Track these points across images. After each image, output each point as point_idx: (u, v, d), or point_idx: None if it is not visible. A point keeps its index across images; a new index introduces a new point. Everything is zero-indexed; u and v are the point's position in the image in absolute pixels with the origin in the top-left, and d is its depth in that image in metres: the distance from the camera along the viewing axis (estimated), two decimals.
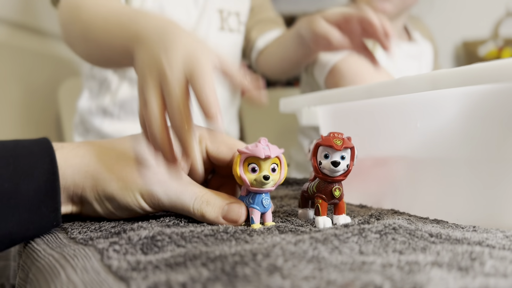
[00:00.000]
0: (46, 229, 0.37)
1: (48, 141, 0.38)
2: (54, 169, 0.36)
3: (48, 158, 0.36)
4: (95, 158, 0.39)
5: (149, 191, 0.38)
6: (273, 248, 0.28)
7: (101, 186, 0.38)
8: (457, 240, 0.33)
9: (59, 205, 0.36)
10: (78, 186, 0.38)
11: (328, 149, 0.38)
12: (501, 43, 1.54)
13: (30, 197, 0.34)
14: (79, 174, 0.38)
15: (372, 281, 0.23)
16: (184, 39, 0.40)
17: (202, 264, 0.26)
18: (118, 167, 0.38)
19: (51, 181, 0.36)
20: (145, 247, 0.31)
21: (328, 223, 0.38)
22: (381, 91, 0.46)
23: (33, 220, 0.35)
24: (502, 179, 0.38)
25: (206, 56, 0.38)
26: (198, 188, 0.39)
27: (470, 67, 0.37)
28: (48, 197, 0.35)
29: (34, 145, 0.37)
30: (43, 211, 0.35)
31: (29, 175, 0.35)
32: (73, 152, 0.39)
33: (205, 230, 0.35)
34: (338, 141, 0.38)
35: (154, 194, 0.38)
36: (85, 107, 0.88)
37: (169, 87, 0.37)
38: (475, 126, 0.40)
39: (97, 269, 0.28)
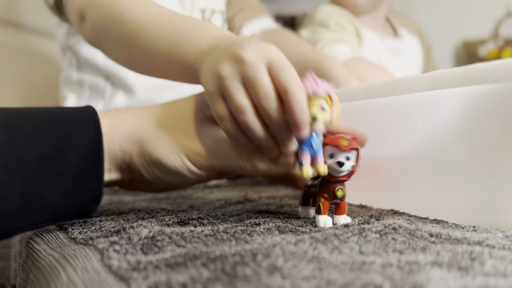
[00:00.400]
0: (89, 198, 0.36)
1: (92, 109, 0.37)
2: (99, 138, 0.36)
3: (92, 125, 0.36)
4: (140, 123, 0.39)
5: (195, 152, 0.38)
6: (273, 248, 0.28)
7: (147, 151, 0.38)
8: (457, 240, 0.33)
9: (102, 175, 0.36)
10: (126, 153, 0.38)
11: (334, 149, 0.38)
12: (501, 43, 1.54)
13: (74, 166, 0.34)
14: (125, 141, 0.38)
15: (372, 281, 0.23)
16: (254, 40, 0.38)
17: (202, 264, 0.26)
18: (163, 131, 0.38)
19: (95, 150, 0.35)
20: (145, 247, 0.31)
21: (328, 222, 0.38)
22: (381, 91, 0.46)
23: (76, 189, 0.35)
24: (502, 179, 0.38)
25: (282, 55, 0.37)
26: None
27: (470, 67, 0.37)
28: (91, 166, 0.35)
29: (79, 112, 0.36)
30: (87, 180, 0.35)
31: (73, 143, 0.34)
32: (119, 118, 0.38)
33: (205, 230, 0.35)
34: (345, 142, 0.38)
35: (201, 154, 0.38)
36: None
37: (259, 86, 0.34)
38: (475, 126, 0.40)
39: (97, 269, 0.28)
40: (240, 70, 0.35)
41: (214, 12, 0.86)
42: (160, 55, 0.45)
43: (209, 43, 0.41)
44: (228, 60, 0.35)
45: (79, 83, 0.81)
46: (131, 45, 0.49)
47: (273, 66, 0.35)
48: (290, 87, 0.34)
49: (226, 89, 0.35)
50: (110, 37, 0.52)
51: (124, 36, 0.49)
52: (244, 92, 0.35)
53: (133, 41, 0.48)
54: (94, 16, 0.54)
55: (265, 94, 0.34)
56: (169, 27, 0.46)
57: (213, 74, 0.36)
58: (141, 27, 0.48)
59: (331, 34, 0.93)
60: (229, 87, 0.35)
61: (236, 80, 0.35)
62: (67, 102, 0.82)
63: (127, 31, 0.49)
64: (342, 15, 0.99)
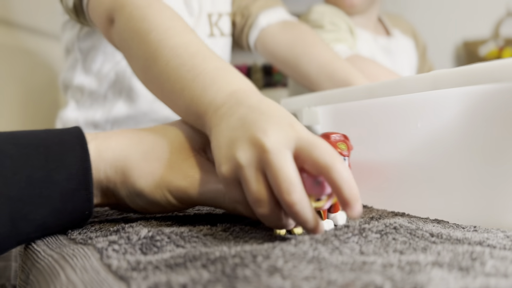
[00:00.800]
0: (78, 218, 0.36)
1: (79, 130, 0.37)
2: (86, 157, 0.35)
3: (79, 146, 0.35)
4: (126, 151, 0.38)
5: (177, 187, 0.37)
6: (273, 250, 0.28)
7: (131, 182, 0.37)
8: (457, 240, 0.33)
9: (92, 195, 0.36)
10: (110, 181, 0.38)
11: None
12: (501, 43, 1.53)
13: (62, 186, 0.34)
14: (111, 169, 0.37)
15: (373, 281, 0.23)
16: (279, 115, 0.34)
17: (202, 266, 0.26)
18: (147, 162, 0.38)
19: (83, 169, 0.35)
20: (144, 247, 0.31)
21: (332, 225, 0.38)
22: (382, 91, 0.46)
23: (66, 209, 0.35)
24: (503, 178, 0.38)
25: (315, 138, 0.33)
26: None
27: (471, 67, 0.37)
28: (80, 186, 0.35)
29: (65, 134, 0.36)
30: (76, 200, 0.35)
31: (61, 164, 0.34)
32: (105, 144, 0.38)
33: (204, 229, 0.35)
34: (343, 145, 0.37)
35: (183, 190, 0.37)
36: (71, 119, 0.80)
37: (281, 177, 0.30)
38: (476, 126, 0.40)
39: (96, 269, 0.28)
40: (260, 158, 0.31)
41: (221, 16, 0.83)
42: (172, 92, 0.43)
43: (225, 99, 0.37)
44: (247, 145, 0.32)
45: (80, 88, 0.79)
46: (148, 69, 0.46)
47: (303, 148, 0.31)
48: (330, 164, 0.30)
49: (244, 178, 0.32)
50: (132, 52, 0.50)
51: (145, 58, 0.47)
52: (263, 182, 0.31)
53: (151, 66, 0.46)
54: (123, 25, 0.51)
55: (287, 187, 0.30)
56: (189, 63, 0.43)
57: (229, 158, 0.32)
58: (161, 54, 0.45)
59: (328, 35, 0.94)
60: (247, 176, 0.31)
61: (254, 168, 0.31)
62: (67, 108, 0.81)
63: (148, 53, 0.46)
64: (335, 14, 0.99)
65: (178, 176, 0.37)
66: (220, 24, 0.82)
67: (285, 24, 0.84)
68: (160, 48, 0.45)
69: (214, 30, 0.81)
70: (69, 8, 0.66)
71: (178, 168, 0.38)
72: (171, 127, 0.41)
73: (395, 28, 1.14)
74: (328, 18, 0.97)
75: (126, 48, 0.51)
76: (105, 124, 0.78)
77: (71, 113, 0.80)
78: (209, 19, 0.81)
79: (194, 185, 0.37)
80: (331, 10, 1.01)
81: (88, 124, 0.79)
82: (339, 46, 0.89)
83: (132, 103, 0.77)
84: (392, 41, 1.09)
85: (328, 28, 0.96)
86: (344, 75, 0.72)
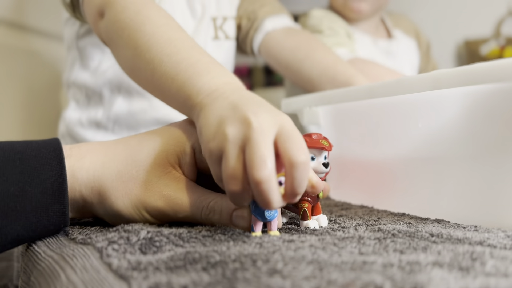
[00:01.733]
0: (54, 231, 0.37)
1: (57, 143, 0.37)
2: (62, 171, 0.35)
3: (55, 160, 0.35)
4: (100, 171, 0.38)
5: (154, 207, 0.37)
6: (272, 254, 0.28)
7: (108, 203, 0.38)
8: (458, 240, 0.33)
9: (67, 209, 0.36)
10: (87, 201, 0.38)
11: (314, 151, 0.39)
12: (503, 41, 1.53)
13: (37, 200, 0.34)
14: (86, 189, 0.37)
15: (373, 281, 0.23)
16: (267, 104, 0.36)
17: (203, 269, 0.26)
18: (122, 183, 0.38)
19: (58, 183, 0.35)
20: (144, 246, 0.31)
21: (317, 224, 0.39)
22: (383, 91, 0.46)
23: (40, 223, 0.35)
24: (504, 178, 0.38)
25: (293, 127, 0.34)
26: (203, 196, 0.38)
27: (472, 67, 0.37)
28: (55, 199, 0.35)
29: (43, 148, 0.36)
30: (51, 214, 0.35)
31: (36, 178, 0.34)
32: (79, 163, 0.38)
33: (202, 231, 0.35)
34: (325, 142, 0.38)
35: (159, 209, 0.37)
36: (74, 119, 0.80)
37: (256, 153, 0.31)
38: (477, 126, 0.40)
39: (96, 268, 0.28)
40: (245, 134, 0.32)
41: (226, 19, 0.83)
42: (163, 76, 0.43)
43: (219, 85, 0.39)
44: (237, 123, 0.33)
45: (79, 87, 0.79)
46: (139, 56, 0.47)
47: (281, 135, 0.33)
48: (297, 161, 0.31)
49: (225, 152, 0.33)
50: (121, 41, 0.50)
51: (136, 46, 0.47)
52: (241, 161, 0.32)
53: (143, 53, 0.46)
54: (114, 17, 0.52)
55: (259, 164, 0.31)
56: (184, 52, 0.44)
57: (218, 133, 0.33)
58: (156, 42, 0.46)
59: (328, 39, 0.94)
60: (228, 152, 0.32)
61: (237, 145, 0.32)
62: (69, 108, 0.81)
63: (141, 41, 0.47)
64: (332, 20, 1.00)
65: (154, 196, 0.37)
66: (225, 28, 0.82)
67: (290, 30, 0.85)
68: (154, 38, 0.46)
69: (219, 33, 0.82)
70: (66, 3, 0.67)
71: (153, 187, 0.38)
72: (147, 139, 0.40)
73: (396, 29, 1.14)
74: (326, 23, 0.98)
75: (115, 38, 0.52)
76: (107, 123, 0.78)
77: (72, 113, 0.80)
78: (214, 23, 0.81)
79: (170, 204, 0.37)
80: (328, 15, 1.01)
81: (90, 123, 0.79)
82: (340, 50, 0.89)
83: (131, 100, 0.77)
84: (393, 43, 1.09)
85: (327, 33, 0.96)
86: (346, 78, 0.72)
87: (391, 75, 0.78)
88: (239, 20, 0.86)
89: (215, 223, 0.37)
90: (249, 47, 0.87)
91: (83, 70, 0.79)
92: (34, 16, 1.14)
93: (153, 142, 0.40)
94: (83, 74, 0.78)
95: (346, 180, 0.58)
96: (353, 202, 0.55)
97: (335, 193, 0.60)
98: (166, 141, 0.40)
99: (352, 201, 0.55)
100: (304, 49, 0.80)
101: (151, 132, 0.42)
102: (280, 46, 0.83)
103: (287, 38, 0.83)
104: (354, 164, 0.56)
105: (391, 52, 1.06)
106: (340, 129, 0.58)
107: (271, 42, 0.84)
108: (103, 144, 0.40)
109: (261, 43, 0.85)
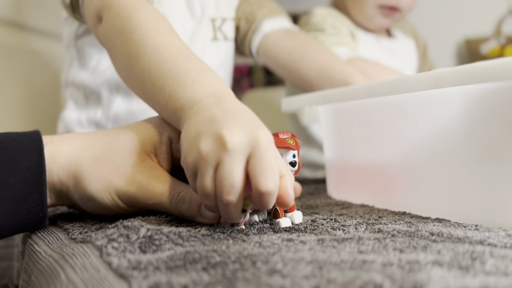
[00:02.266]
0: (33, 220, 0.37)
1: (38, 134, 0.38)
2: (41, 161, 0.36)
3: (35, 150, 0.37)
4: (78, 156, 0.39)
5: (125, 192, 0.38)
6: (272, 256, 0.28)
7: (82, 186, 0.38)
8: (458, 239, 0.33)
9: (45, 198, 0.37)
10: (63, 184, 0.39)
11: (281, 150, 0.39)
12: (503, 40, 1.53)
13: (17, 189, 0.35)
14: (63, 173, 0.38)
15: (372, 279, 0.23)
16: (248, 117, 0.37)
17: (203, 269, 0.26)
18: (98, 167, 0.38)
19: (38, 173, 0.36)
20: (143, 245, 0.31)
21: (289, 223, 0.39)
22: (383, 90, 0.46)
23: (20, 212, 0.36)
24: (505, 177, 0.38)
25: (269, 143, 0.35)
26: (175, 185, 0.38)
27: (472, 66, 0.37)
28: (34, 189, 0.36)
29: (23, 138, 0.37)
30: (30, 203, 0.36)
31: (16, 167, 0.35)
32: (59, 148, 0.39)
33: (202, 230, 0.35)
34: (291, 141, 0.39)
35: (130, 194, 0.38)
36: (74, 119, 0.80)
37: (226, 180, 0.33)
38: (478, 125, 0.40)
39: (96, 266, 0.28)
40: (218, 155, 0.33)
41: (225, 20, 0.83)
42: (153, 88, 0.44)
43: (203, 97, 0.39)
44: (211, 138, 0.33)
45: (77, 86, 0.79)
46: (131, 66, 0.47)
47: (254, 157, 0.33)
48: (262, 191, 0.32)
49: (200, 169, 0.34)
50: (116, 49, 0.51)
51: (128, 55, 0.48)
52: (213, 178, 0.33)
53: (134, 63, 0.47)
54: (109, 23, 0.53)
55: (228, 190, 0.32)
56: (171, 62, 0.44)
57: (194, 148, 0.34)
58: (144, 52, 0.46)
59: (329, 38, 0.94)
60: (202, 169, 0.33)
61: (210, 164, 0.33)
62: (67, 109, 0.81)
63: (131, 51, 0.48)
64: (336, 18, 0.99)
65: (126, 181, 0.38)
66: (224, 29, 0.83)
67: (288, 31, 0.85)
68: (143, 47, 0.47)
69: (218, 34, 0.82)
70: (66, 3, 0.67)
71: (127, 173, 0.38)
72: (126, 129, 0.41)
73: (396, 29, 1.14)
74: (329, 21, 0.97)
75: (110, 45, 0.53)
76: (106, 122, 0.78)
77: (71, 113, 0.80)
78: (213, 24, 0.82)
79: (141, 190, 0.38)
80: (332, 14, 1.01)
81: (90, 123, 0.79)
82: (341, 49, 0.89)
83: (130, 100, 0.77)
84: (395, 42, 1.09)
85: (329, 31, 0.96)
86: (343, 77, 0.72)
87: (391, 75, 0.78)
88: (237, 22, 0.86)
89: (183, 213, 0.38)
90: (248, 48, 0.87)
91: (81, 70, 0.78)
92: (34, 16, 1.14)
93: (131, 132, 0.41)
94: (82, 73, 0.78)
95: (347, 179, 0.58)
96: (354, 201, 0.55)
97: (335, 192, 0.60)
98: (144, 131, 0.41)
99: (352, 201, 0.55)
100: (301, 50, 0.81)
101: (130, 124, 0.43)
102: (278, 47, 0.83)
103: (285, 39, 0.83)
104: (354, 163, 0.56)
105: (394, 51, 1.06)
106: (341, 128, 0.58)
107: (269, 43, 0.84)
108: (84, 133, 0.41)
109: (259, 45, 0.85)
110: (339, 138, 0.58)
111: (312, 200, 0.56)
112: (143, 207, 0.39)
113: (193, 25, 0.79)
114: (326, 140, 0.62)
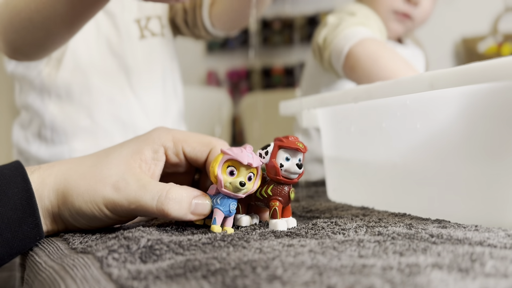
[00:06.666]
0: (30, 244, 0.38)
1: (18, 163, 0.39)
2: (28, 185, 0.37)
3: (19, 177, 0.37)
4: (66, 174, 0.39)
5: (110, 199, 0.38)
6: (272, 261, 0.28)
7: (70, 201, 0.38)
8: (458, 240, 0.33)
9: (39, 220, 0.37)
10: (53, 205, 0.39)
11: (290, 151, 0.39)
12: (500, 38, 1.53)
13: (8, 217, 0.35)
14: (52, 193, 0.38)
15: (373, 284, 0.23)
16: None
17: (203, 277, 0.26)
18: (85, 180, 0.38)
19: (26, 197, 0.36)
20: (144, 255, 0.31)
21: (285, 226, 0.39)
22: (380, 92, 0.46)
23: (16, 238, 0.36)
24: (504, 177, 0.38)
25: None
26: (159, 186, 0.38)
27: (468, 67, 0.37)
28: (26, 214, 0.36)
29: (4, 169, 0.37)
30: (24, 228, 0.36)
31: (3, 196, 0.35)
32: (48, 171, 0.39)
33: (202, 238, 0.35)
34: (301, 144, 0.39)
35: (115, 201, 0.38)
36: (21, 137, 0.87)
37: None
38: (476, 125, 0.40)
39: (97, 278, 0.28)
40: None
41: (150, 19, 0.90)
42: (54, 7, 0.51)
43: None
44: None
45: (22, 107, 0.87)
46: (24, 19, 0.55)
47: None
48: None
49: None
50: (5, 23, 0.58)
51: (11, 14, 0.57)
52: None
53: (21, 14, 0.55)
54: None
55: None
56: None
57: None
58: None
59: (355, 19, 0.92)
60: None
61: None
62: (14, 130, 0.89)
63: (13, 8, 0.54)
64: (372, 13, 0.99)
65: (110, 188, 0.38)
66: (150, 26, 0.90)
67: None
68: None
69: (145, 32, 0.90)
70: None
71: (111, 181, 0.38)
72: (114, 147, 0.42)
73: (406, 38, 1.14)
74: (364, 12, 0.96)
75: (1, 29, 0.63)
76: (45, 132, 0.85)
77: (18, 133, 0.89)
78: (139, 24, 0.89)
79: (124, 196, 0.37)
80: (369, 10, 1.00)
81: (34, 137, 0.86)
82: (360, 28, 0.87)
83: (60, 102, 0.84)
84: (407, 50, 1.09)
85: (359, 16, 0.93)
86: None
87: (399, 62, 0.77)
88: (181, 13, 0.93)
89: (171, 213, 0.37)
90: (201, 24, 0.92)
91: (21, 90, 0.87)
92: None
93: (120, 147, 0.41)
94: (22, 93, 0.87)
95: (346, 182, 0.58)
96: (354, 203, 0.55)
97: (335, 195, 0.60)
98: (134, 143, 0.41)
99: (352, 203, 0.55)
100: None
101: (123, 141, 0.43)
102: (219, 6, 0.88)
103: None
104: (353, 165, 0.56)
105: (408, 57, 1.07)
106: (339, 131, 0.58)
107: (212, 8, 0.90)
108: (74, 157, 0.42)
109: (209, 15, 0.90)
110: (337, 141, 0.58)
111: (312, 203, 0.56)
112: (128, 214, 0.39)
113: (115, 32, 0.86)
114: (325, 143, 0.62)
